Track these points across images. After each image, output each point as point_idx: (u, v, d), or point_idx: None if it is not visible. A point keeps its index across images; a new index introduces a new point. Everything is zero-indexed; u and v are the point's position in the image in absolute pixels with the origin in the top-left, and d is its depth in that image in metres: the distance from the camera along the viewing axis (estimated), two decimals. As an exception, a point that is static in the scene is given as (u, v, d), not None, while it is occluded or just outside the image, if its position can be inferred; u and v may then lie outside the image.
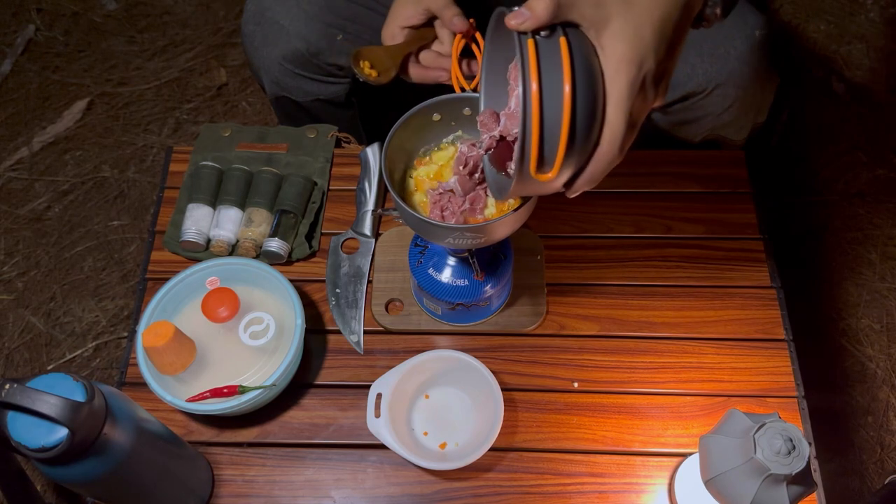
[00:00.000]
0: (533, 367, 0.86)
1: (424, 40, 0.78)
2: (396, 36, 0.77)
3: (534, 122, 0.51)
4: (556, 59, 0.51)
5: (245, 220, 0.93)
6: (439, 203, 0.68)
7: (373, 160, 0.97)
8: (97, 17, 1.85)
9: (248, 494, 0.79)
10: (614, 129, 0.53)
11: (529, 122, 0.51)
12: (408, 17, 0.76)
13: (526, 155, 0.53)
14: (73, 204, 1.56)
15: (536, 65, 0.51)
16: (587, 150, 0.55)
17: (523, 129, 0.52)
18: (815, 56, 1.73)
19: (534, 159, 0.53)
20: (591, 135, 0.54)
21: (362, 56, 0.75)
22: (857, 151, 1.59)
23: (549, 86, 0.51)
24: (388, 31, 0.77)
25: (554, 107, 0.51)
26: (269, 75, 1.01)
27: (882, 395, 1.31)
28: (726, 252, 0.93)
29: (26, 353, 1.39)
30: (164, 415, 0.82)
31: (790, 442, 0.60)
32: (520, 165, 0.54)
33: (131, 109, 1.70)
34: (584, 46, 0.53)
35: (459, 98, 0.71)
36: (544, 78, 0.51)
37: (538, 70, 0.51)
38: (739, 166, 0.99)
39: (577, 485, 0.79)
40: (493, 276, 0.81)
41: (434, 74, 0.77)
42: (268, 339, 0.80)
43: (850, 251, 1.46)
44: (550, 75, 0.51)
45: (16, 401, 0.53)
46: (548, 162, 0.54)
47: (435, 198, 0.68)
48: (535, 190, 0.59)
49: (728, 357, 0.86)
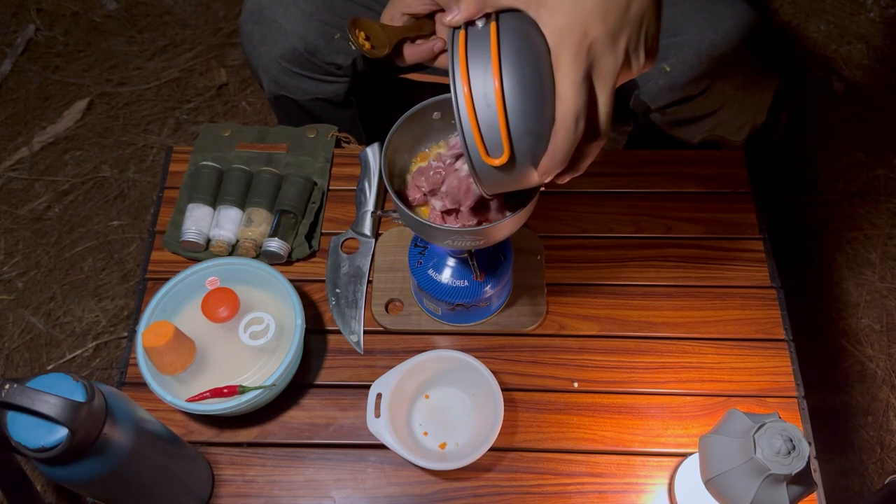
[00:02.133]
0: (533, 367, 0.86)
1: (421, 31, 0.77)
2: (396, 20, 0.76)
3: (468, 107, 0.52)
4: (486, 45, 0.52)
5: (245, 220, 0.93)
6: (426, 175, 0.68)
7: (373, 160, 0.97)
8: (97, 17, 1.85)
9: (248, 494, 0.79)
10: (566, 103, 0.52)
11: (464, 108, 0.52)
12: (411, 4, 0.74)
13: (469, 144, 0.53)
14: (73, 204, 1.56)
15: (464, 56, 0.52)
16: (544, 129, 0.54)
17: (458, 118, 0.53)
18: (815, 56, 1.73)
19: (480, 146, 0.53)
20: (544, 111, 0.53)
21: (359, 25, 0.73)
22: (857, 151, 1.59)
23: (479, 75, 0.52)
24: (389, 14, 0.75)
25: (488, 91, 0.52)
26: (267, 74, 1.01)
27: (882, 395, 1.31)
28: (726, 252, 0.93)
29: (26, 353, 1.39)
30: (164, 415, 0.82)
31: (790, 442, 0.60)
32: (468, 154, 0.54)
33: (131, 109, 1.70)
34: (522, 27, 0.53)
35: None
36: (473, 68, 0.52)
37: (465, 61, 0.52)
38: (739, 166, 0.99)
39: (577, 485, 0.79)
40: (493, 276, 0.81)
41: (428, 46, 0.74)
42: (268, 339, 0.80)
43: (850, 251, 1.46)
44: (480, 64, 0.52)
45: (16, 401, 0.53)
46: (496, 147, 0.53)
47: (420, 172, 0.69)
48: (506, 181, 0.58)
49: (728, 357, 0.86)
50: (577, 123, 0.53)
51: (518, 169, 0.56)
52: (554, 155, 0.54)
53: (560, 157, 0.54)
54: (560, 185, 0.61)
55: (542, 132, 0.54)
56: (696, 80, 0.93)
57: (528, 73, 0.52)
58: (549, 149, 0.54)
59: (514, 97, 0.52)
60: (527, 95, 0.52)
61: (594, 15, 0.51)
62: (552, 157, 0.55)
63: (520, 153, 0.54)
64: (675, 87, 0.94)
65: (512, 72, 0.52)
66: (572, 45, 0.51)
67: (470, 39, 0.53)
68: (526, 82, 0.52)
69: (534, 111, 0.53)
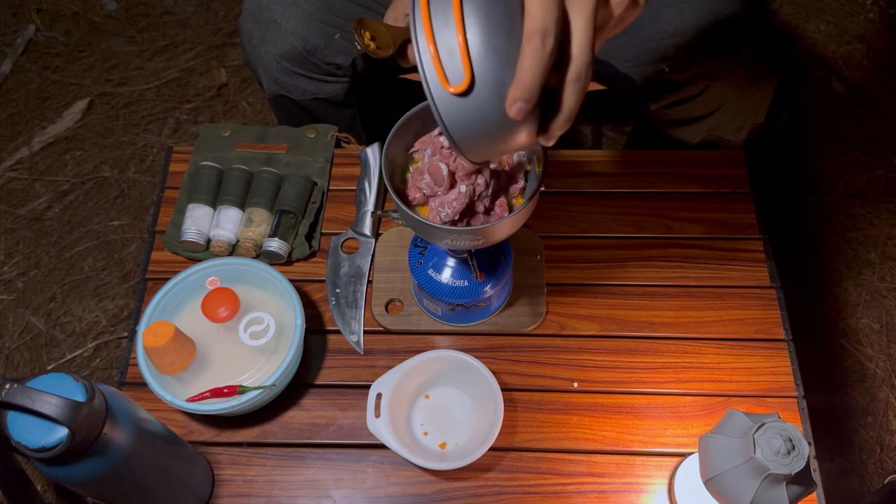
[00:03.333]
0: (533, 367, 0.86)
1: None
2: (399, 20, 0.75)
3: (425, 27, 0.48)
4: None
5: (245, 220, 0.93)
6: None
7: (373, 160, 0.97)
8: (97, 17, 1.85)
9: (248, 494, 0.79)
10: (533, 17, 0.46)
11: (420, 29, 0.48)
12: None
13: (428, 72, 0.48)
14: (73, 204, 1.56)
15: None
16: (511, 50, 0.48)
17: (416, 45, 0.48)
18: (815, 56, 1.73)
19: (438, 71, 0.48)
20: (511, 28, 0.48)
21: (364, 26, 0.73)
22: (857, 151, 1.59)
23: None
24: (392, 15, 0.74)
25: (447, 7, 0.47)
26: (267, 74, 1.01)
27: (882, 395, 1.31)
28: (726, 252, 0.93)
29: (26, 353, 1.39)
30: (164, 415, 0.82)
31: (790, 442, 0.60)
32: (428, 90, 0.49)
33: (131, 109, 1.70)
34: None
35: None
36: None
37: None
38: (739, 166, 0.99)
39: (577, 485, 0.79)
40: (493, 276, 0.81)
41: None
42: (268, 339, 0.80)
43: (850, 251, 1.46)
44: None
45: (16, 401, 0.53)
46: (455, 70, 0.48)
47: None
48: (477, 124, 0.51)
49: (728, 357, 0.86)
50: (545, 40, 0.46)
51: (485, 102, 0.49)
52: (521, 79, 0.47)
53: (528, 80, 0.47)
54: (560, 184, 0.59)
55: (507, 51, 0.47)
56: (695, 80, 0.93)
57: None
58: (517, 72, 0.47)
59: (476, 11, 0.47)
60: (490, 10, 0.47)
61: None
62: (520, 82, 0.47)
63: (482, 77, 0.48)
64: (675, 88, 0.94)
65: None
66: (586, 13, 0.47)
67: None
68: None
69: (497, 27, 0.47)
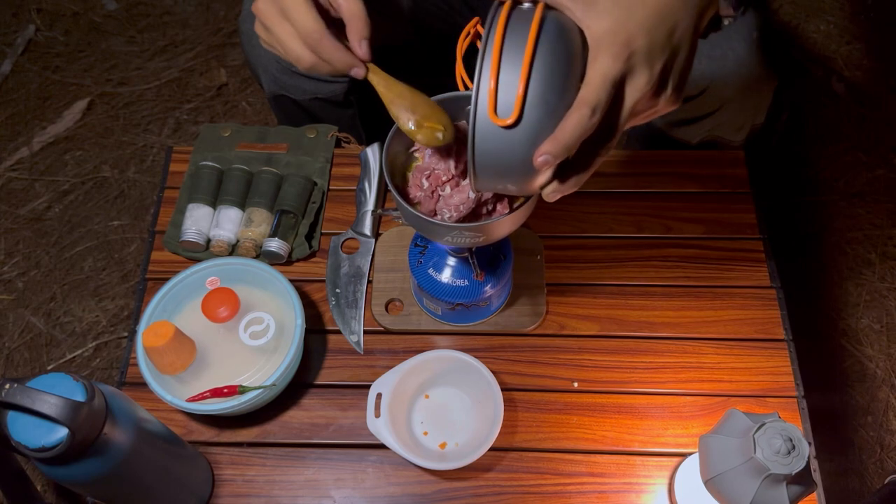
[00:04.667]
0: (533, 367, 0.86)
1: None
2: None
3: (494, 57, 0.51)
4: (528, 18, 0.52)
5: (245, 220, 0.93)
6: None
7: (373, 160, 0.97)
8: (97, 17, 1.85)
9: (248, 494, 0.79)
10: (591, 89, 0.51)
11: (489, 58, 0.51)
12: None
13: (481, 98, 0.52)
14: (73, 204, 1.56)
15: (505, 20, 0.52)
16: (560, 106, 0.52)
17: (479, 69, 0.51)
18: (815, 56, 1.73)
19: (490, 101, 0.51)
20: (566, 89, 0.52)
21: (426, 120, 0.66)
22: (857, 151, 1.59)
23: (515, 38, 0.51)
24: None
25: (518, 49, 0.51)
26: (266, 74, 1.01)
27: (882, 395, 1.31)
28: (726, 252, 0.93)
29: (26, 353, 1.39)
30: (164, 415, 0.82)
31: (790, 442, 0.60)
32: (473, 113, 0.52)
33: (131, 109, 1.70)
34: (566, 20, 0.53)
35: (463, 96, 0.70)
36: (511, 32, 0.52)
37: (505, 22, 0.52)
38: (739, 166, 0.99)
39: (577, 485, 0.79)
40: (493, 276, 0.81)
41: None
42: (268, 339, 0.80)
43: (850, 251, 1.46)
44: (518, 31, 0.52)
45: (16, 401, 0.53)
46: (506, 106, 0.51)
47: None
48: (504, 162, 0.54)
49: (728, 357, 0.86)
50: (595, 112, 0.50)
51: (517, 143, 0.52)
52: (559, 137, 0.51)
53: (565, 140, 0.51)
54: (560, 198, 0.58)
55: (556, 108, 0.51)
56: (695, 80, 0.93)
57: (562, 52, 0.51)
58: (558, 128, 0.51)
59: (543, 64, 0.51)
60: (555, 68, 0.51)
61: (642, 28, 0.51)
62: (558, 138, 0.51)
63: (526, 121, 0.51)
64: None
65: (547, 44, 0.51)
66: (614, 47, 0.51)
67: (514, 13, 0.53)
68: (558, 57, 0.51)
69: (556, 84, 0.51)
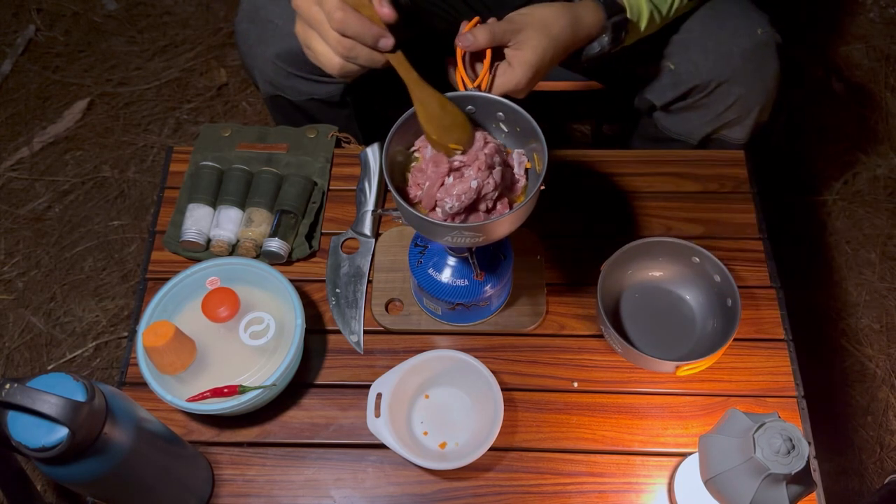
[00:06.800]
0: (533, 366, 0.86)
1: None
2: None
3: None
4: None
5: (245, 220, 0.93)
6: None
7: (373, 160, 0.97)
8: (97, 17, 1.85)
9: (248, 494, 0.79)
10: (518, 77, 0.72)
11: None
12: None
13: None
14: (73, 204, 1.57)
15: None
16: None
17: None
18: (815, 56, 1.73)
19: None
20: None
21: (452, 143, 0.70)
22: (857, 151, 1.59)
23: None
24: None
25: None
26: (263, 74, 1.00)
27: (882, 395, 1.31)
28: (726, 252, 0.93)
29: (26, 352, 1.39)
30: (164, 415, 0.82)
31: (790, 441, 0.60)
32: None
33: (131, 109, 1.70)
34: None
35: (463, 96, 0.70)
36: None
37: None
38: (739, 166, 0.99)
39: (577, 485, 0.79)
40: (493, 276, 0.81)
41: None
42: (268, 339, 0.80)
43: (850, 251, 1.46)
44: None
45: (16, 400, 0.53)
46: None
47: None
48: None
49: (727, 357, 0.86)
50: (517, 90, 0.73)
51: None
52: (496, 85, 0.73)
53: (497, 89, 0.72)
54: (560, 183, 0.59)
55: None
56: (700, 77, 0.93)
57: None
58: (496, 85, 0.73)
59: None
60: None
61: (547, 62, 0.73)
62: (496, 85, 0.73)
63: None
64: (680, 84, 0.95)
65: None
66: (529, 73, 0.72)
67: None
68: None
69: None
